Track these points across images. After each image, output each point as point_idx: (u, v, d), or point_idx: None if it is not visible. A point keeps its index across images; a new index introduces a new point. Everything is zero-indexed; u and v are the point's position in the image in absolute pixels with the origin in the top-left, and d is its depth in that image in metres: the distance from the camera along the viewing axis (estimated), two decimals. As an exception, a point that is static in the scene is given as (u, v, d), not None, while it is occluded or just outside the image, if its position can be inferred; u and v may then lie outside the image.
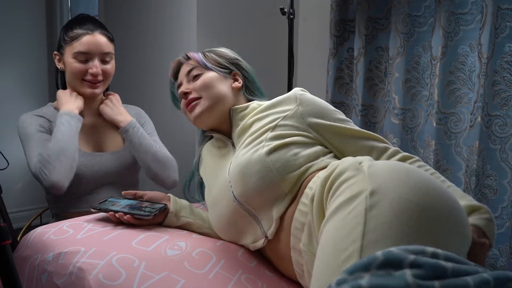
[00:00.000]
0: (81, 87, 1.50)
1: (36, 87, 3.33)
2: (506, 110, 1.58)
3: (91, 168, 1.49)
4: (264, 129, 1.16)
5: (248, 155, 1.11)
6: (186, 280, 0.99)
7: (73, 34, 1.47)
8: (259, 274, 1.09)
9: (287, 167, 1.06)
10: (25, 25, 3.26)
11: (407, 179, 0.81)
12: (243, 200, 1.10)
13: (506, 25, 1.55)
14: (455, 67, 1.72)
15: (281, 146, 1.10)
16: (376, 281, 0.63)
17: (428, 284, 0.63)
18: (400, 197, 0.78)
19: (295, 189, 1.07)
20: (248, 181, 1.08)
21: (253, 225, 1.11)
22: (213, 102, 1.26)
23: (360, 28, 1.97)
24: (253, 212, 1.10)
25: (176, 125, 2.36)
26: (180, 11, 2.34)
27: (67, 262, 1.03)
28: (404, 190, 0.79)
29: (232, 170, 1.13)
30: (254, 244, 1.12)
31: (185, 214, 1.24)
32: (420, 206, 0.77)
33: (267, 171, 1.06)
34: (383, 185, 0.80)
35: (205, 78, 1.28)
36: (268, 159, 1.07)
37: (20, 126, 1.49)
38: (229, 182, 1.13)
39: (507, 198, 1.59)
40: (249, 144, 1.15)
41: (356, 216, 0.78)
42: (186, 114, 1.32)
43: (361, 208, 0.78)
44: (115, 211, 1.19)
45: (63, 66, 1.52)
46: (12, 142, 2.24)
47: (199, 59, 1.31)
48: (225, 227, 1.17)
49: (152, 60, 2.56)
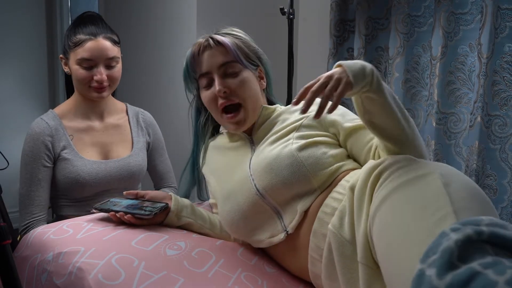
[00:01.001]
0: (88, 92, 1.48)
1: (36, 87, 3.33)
2: (506, 110, 1.58)
3: (95, 175, 1.47)
4: (289, 128, 1.17)
5: (276, 150, 1.12)
6: (185, 279, 0.99)
7: (76, 40, 1.43)
8: (259, 271, 1.09)
9: (318, 164, 1.09)
10: (25, 25, 3.25)
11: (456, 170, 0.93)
12: (268, 193, 1.10)
13: (506, 25, 1.55)
14: (455, 67, 1.72)
15: (311, 144, 1.12)
16: (495, 230, 0.67)
17: None
18: (467, 183, 0.88)
19: (325, 186, 1.09)
20: (277, 175, 1.08)
21: (272, 220, 1.11)
22: (254, 111, 1.22)
23: (360, 28, 1.97)
24: (276, 206, 1.10)
25: (176, 124, 2.37)
26: (180, 11, 2.34)
27: (66, 262, 1.03)
28: (463, 178, 0.89)
29: (257, 164, 1.13)
30: (270, 239, 1.11)
31: (186, 214, 1.24)
32: (483, 195, 0.88)
33: (299, 166, 1.08)
34: (445, 171, 0.89)
35: (245, 80, 1.20)
36: (300, 155, 1.09)
37: (26, 147, 1.45)
38: (250, 175, 1.13)
39: (507, 198, 1.59)
40: (275, 142, 1.16)
41: (435, 188, 0.84)
42: (213, 110, 1.24)
43: (438, 183, 0.85)
44: (116, 211, 1.19)
45: (69, 70, 1.49)
46: (12, 142, 2.23)
47: (235, 54, 1.20)
48: (238, 222, 1.14)
49: (152, 60, 2.56)
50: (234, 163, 1.22)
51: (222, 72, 1.20)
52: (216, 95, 1.20)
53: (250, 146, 1.23)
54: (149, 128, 1.66)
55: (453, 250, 0.65)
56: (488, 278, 0.60)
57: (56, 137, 1.46)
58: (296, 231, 1.08)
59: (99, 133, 1.54)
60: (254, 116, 1.23)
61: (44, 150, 1.44)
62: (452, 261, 0.64)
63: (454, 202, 0.80)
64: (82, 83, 1.46)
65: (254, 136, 1.25)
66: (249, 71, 1.23)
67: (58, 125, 1.47)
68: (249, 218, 1.13)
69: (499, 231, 0.67)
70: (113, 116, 1.59)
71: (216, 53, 1.21)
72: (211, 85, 1.22)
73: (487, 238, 0.66)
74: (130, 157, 1.55)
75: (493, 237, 0.66)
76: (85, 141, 1.51)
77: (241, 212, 1.13)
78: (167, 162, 1.71)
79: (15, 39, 3.21)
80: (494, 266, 0.62)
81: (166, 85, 2.47)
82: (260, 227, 1.13)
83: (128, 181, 1.55)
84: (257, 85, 1.26)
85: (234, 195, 1.15)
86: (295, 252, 1.09)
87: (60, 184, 1.46)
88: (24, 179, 1.44)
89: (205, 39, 1.23)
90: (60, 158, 1.45)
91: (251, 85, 1.22)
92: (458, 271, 0.63)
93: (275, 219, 1.11)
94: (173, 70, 2.41)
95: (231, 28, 1.28)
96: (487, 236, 0.66)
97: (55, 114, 1.50)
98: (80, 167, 1.45)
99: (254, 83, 1.24)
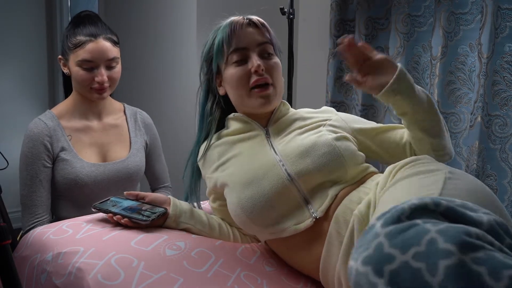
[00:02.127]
0: (89, 94, 1.47)
1: (36, 87, 3.33)
2: (506, 110, 1.58)
3: (94, 178, 1.47)
4: (316, 124, 1.21)
5: (312, 138, 1.14)
6: (184, 279, 0.99)
7: (76, 41, 1.42)
8: (258, 270, 1.09)
9: (354, 158, 1.13)
10: (25, 25, 3.25)
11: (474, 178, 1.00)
12: (301, 179, 1.10)
13: (506, 25, 1.55)
14: (455, 67, 1.72)
15: (344, 137, 1.16)
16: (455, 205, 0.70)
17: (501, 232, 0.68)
18: (473, 181, 0.95)
19: (355, 179, 1.12)
20: (314, 161, 1.10)
21: (299, 206, 1.10)
22: (280, 96, 1.24)
23: (360, 28, 1.97)
24: (305, 192, 1.10)
25: (175, 124, 2.37)
26: (180, 11, 2.34)
27: (66, 262, 1.04)
28: (476, 180, 0.96)
29: (289, 150, 1.13)
30: (296, 227, 1.08)
31: (184, 219, 1.23)
32: (490, 194, 0.93)
33: (337, 155, 1.11)
34: (458, 172, 0.97)
35: (278, 65, 1.24)
36: (338, 144, 1.12)
37: (25, 148, 1.45)
38: (279, 161, 1.12)
39: (507, 198, 1.59)
40: (306, 132, 1.18)
41: (436, 179, 0.92)
42: (241, 88, 1.19)
43: (441, 176, 0.93)
44: (114, 213, 1.19)
45: (68, 71, 1.49)
46: (12, 142, 2.23)
47: (275, 40, 1.25)
48: (262, 209, 1.09)
49: (152, 60, 2.56)
50: (250, 151, 1.19)
51: (260, 51, 1.21)
52: (249, 71, 1.18)
53: (266, 137, 1.21)
54: (147, 128, 1.65)
55: (405, 210, 0.69)
56: (424, 227, 0.64)
57: (54, 138, 1.45)
58: (322, 216, 1.07)
59: (97, 133, 1.54)
60: (277, 102, 1.24)
61: (43, 151, 1.43)
62: (400, 217, 0.68)
63: (446, 189, 0.87)
64: (82, 85, 1.45)
65: (270, 127, 1.23)
66: (279, 61, 1.26)
67: (56, 125, 1.47)
68: (273, 204, 1.09)
69: (458, 208, 0.69)
70: (111, 116, 1.58)
71: (257, 31, 1.23)
72: (244, 62, 1.20)
73: (443, 211, 0.69)
74: (128, 158, 1.55)
75: (449, 211, 0.69)
76: (84, 141, 1.50)
77: (265, 198, 1.09)
78: (163, 163, 1.71)
79: (15, 39, 3.21)
80: (434, 222, 0.65)
81: (166, 85, 2.47)
82: (285, 214, 1.10)
83: (127, 183, 1.55)
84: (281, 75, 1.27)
85: (258, 181, 1.11)
86: (311, 242, 1.08)
87: (59, 185, 1.46)
88: (25, 180, 1.44)
89: (245, 18, 1.26)
90: (59, 159, 1.45)
91: (280, 71, 1.25)
92: (400, 223, 0.67)
93: (302, 204, 1.10)
94: (173, 70, 2.41)
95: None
96: (444, 208, 0.69)
97: (53, 115, 1.50)
98: (79, 169, 1.45)
99: (281, 72, 1.26)
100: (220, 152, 1.23)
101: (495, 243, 0.64)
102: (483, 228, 0.67)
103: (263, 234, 1.15)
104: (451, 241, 0.60)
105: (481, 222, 0.68)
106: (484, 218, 0.68)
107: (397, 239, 0.63)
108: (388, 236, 0.64)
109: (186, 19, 2.30)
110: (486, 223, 0.67)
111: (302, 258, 1.11)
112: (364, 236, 0.68)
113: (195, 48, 2.24)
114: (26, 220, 1.43)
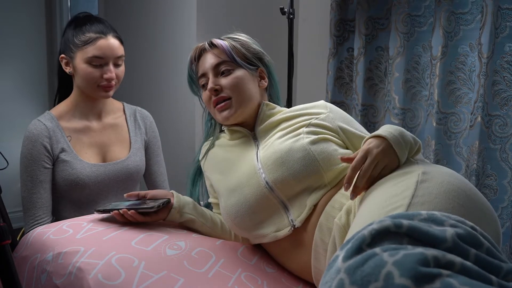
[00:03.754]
0: (96, 91, 1.46)
1: (36, 87, 3.33)
2: (506, 110, 1.58)
3: (94, 178, 1.47)
4: (298, 125, 1.19)
5: (288, 143, 1.13)
6: (185, 279, 0.99)
7: (86, 38, 1.42)
8: (259, 271, 1.09)
9: (331, 160, 1.11)
10: (25, 25, 3.25)
11: (452, 172, 0.96)
12: (278, 186, 1.10)
13: (506, 25, 1.55)
14: (455, 67, 1.72)
15: (322, 139, 1.14)
16: (417, 224, 0.68)
17: (464, 246, 0.67)
18: (449, 181, 0.90)
19: (335, 181, 1.11)
20: (289, 168, 1.09)
21: (279, 214, 1.11)
22: (244, 105, 1.24)
23: (360, 28, 1.97)
24: (283, 200, 1.11)
25: (175, 124, 2.37)
26: (180, 11, 2.34)
27: (66, 262, 1.03)
28: (452, 178, 0.92)
29: (267, 157, 1.14)
30: (275, 234, 1.11)
31: (188, 210, 1.24)
32: (466, 193, 0.89)
33: (312, 160, 1.09)
34: (434, 170, 0.94)
35: (237, 77, 1.24)
36: (312, 148, 1.11)
37: (24, 150, 1.44)
38: (259, 169, 1.13)
39: (507, 198, 1.59)
40: (285, 135, 1.17)
41: (407, 184, 0.89)
42: (210, 108, 1.29)
43: (413, 179, 0.90)
44: (119, 209, 1.20)
45: (72, 70, 1.48)
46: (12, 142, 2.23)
47: (229, 54, 1.25)
48: (244, 215, 1.13)
49: (151, 60, 2.56)
50: (239, 157, 1.22)
51: (216, 72, 1.26)
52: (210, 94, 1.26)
53: (253, 141, 1.24)
54: (146, 125, 1.64)
55: (365, 238, 0.68)
56: (381, 258, 0.63)
57: (54, 139, 1.45)
58: (301, 226, 1.09)
59: (96, 133, 1.53)
60: (244, 110, 1.25)
61: (43, 152, 1.43)
62: (361, 246, 0.67)
63: (416, 196, 0.85)
64: (90, 82, 1.44)
65: (256, 131, 1.25)
66: (244, 70, 1.26)
67: (55, 126, 1.47)
68: (255, 211, 1.12)
69: (418, 225, 0.68)
70: (111, 115, 1.58)
71: (210, 55, 1.27)
72: (207, 85, 1.27)
73: (405, 231, 0.68)
74: (128, 158, 1.55)
75: (411, 231, 0.68)
76: (83, 141, 1.50)
77: (247, 205, 1.13)
78: (162, 164, 1.68)
79: (15, 39, 3.21)
80: (393, 250, 0.64)
81: (166, 86, 2.47)
82: (265, 220, 1.12)
83: (127, 182, 1.54)
84: (253, 84, 1.27)
85: (241, 188, 1.14)
86: (299, 248, 1.09)
87: (59, 186, 1.46)
88: (25, 182, 1.43)
89: (202, 43, 1.31)
90: (59, 160, 1.45)
91: (243, 82, 1.25)
92: (360, 255, 0.66)
93: (281, 213, 1.11)
94: (173, 70, 2.41)
95: (236, 33, 1.34)
96: (405, 229, 0.68)
97: (52, 116, 1.49)
98: (80, 170, 1.45)
99: (249, 81, 1.26)
100: (217, 154, 1.30)
101: (455, 262, 0.63)
102: (447, 245, 0.66)
103: (249, 238, 1.19)
104: (407, 275, 0.60)
105: (445, 239, 0.66)
106: (448, 233, 0.67)
107: (356, 274, 0.63)
108: (347, 271, 0.64)
109: (186, 19, 2.30)
110: (450, 239, 0.66)
111: (293, 263, 1.13)
112: (328, 271, 0.68)
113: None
114: (27, 222, 1.43)
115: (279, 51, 2.16)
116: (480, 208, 0.89)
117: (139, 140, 1.60)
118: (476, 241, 0.69)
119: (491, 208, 0.93)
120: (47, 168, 1.44)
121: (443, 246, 0.66)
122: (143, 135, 1.62)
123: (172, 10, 2.39)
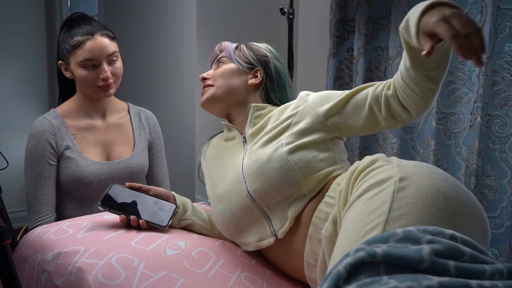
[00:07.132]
0: (95, 93, 1.47)
1: (36, 87, 3.33)
2: (506, 110, 1.58)
3: (98, 176, 1.47)
4: (280, 127, 1.17)
5: (268, 152, 1.12)
6: (185, 279, 0.99)
7: (74, 42, 1.42)
8: (258, 272, 1.09)
9: (309, 168, 1.08)
10: (25, 25, 3.26)
11: (432, 171, 0.90)
12: (258, 196, 1.10)
13: (506, 25, 1.55)
14: (455, 67, 1.72)
15: (301, 146, 1.12)
16: (392, 250, 0.67)
17: (443, 262, 0.66)
18: (427, 185, 0.86)
19: (315, 190, 1.09)
20: (267, 178, 1.08)
21: (261, 224, 1.11)
22: (221, 92, 1.28)
23: (360, 28, 1.97)
24: (266, 210, 1.11)
25: (176, 124, 2.37)
26: (180, 11, 2.34)
27: (66, 262, 1.03)
28: (430, 180, 0.87)
29: (248, 166, 1.13)
30: (258, 243, 1.11)
31: (188, 216, 1.25)
32: (445, 194, 0.85)
33: (289, 170, 1.08)
34: (412, 173, 0.88)
35: (224, 68, 1.31)
36: (289, 158, 1.09)
37: (29, 146, 1.44)
38: (243, 177, 1.13)
39: (507, 198, 1.59)
40: (267, 143, 1.15)
41: (384, 195, 0.85)
42: None
43: (390, 189, 0.86)
44: (126, 214, 1.19)
45: (71, 74, 1.48)
46: (12, 142, 2.24)
47: (228, 50, 1.34)
48: (228, 223, 1.15)
49: (151, 60, 2.56)
50: (228, 163, 1.22)
51: (215, 65, 1.35)
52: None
53: (243, 144, 1.23)
54: (150, 126, 1.66)
55: (342, 274, 0.67)
56: None
57: (59, 136, 1.46)
58: (290, 237, 1.08)
59: (101, 132, 1.54)
60: (221, 98, 1.29)
61: (48, 148, 1.44)
62: (338, 284, 0.66)
63: (394, 210, 0.82)
64: (88, 85, 1.45)
65: (246, 134, 1.25)
66: (236, 65, 1.30)
67: (60, 124, 1.48)
68: (239, 220, 1.13)
69: (393, 251, 0.67)
70: (115, 115, 1.59)
71: (213, 55, 1.37)
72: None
73: (381, 259, 0.67)
74: (132, 157, 1.56)
75: (386, 257, 0.67)
76: (88, 140, 1.51)
77: (232, 214, 1.14)
78: (164, 165, 1.69)
79: (15, 39, 3.22)
80: (369, 284, 0.63)
81: (166, 85, 2.47)
82: (248, 229, 1.13)
83: (131, 181, 1.55)
84: (240, 78, 1.29)
85: (227, 196, 1.15)
86: (290, 258, 1.09)
87: (63, 183, 1.47)
88: (30, 178, 1.44)
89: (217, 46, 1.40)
90: (64, 157, 1.46)
91: (227, 74, 1.30)
92: None
93: (264, 223, 1.11)
94: (173, 70, 2.41)
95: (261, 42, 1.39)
96: (380, 257, 0.67)
97: (58, 113, 1.50)
98: (84, 167, 1.46)
99: (234, 74, 1.29)
100: (212, 155, 1.32)
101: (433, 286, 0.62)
102: (424, 264, 0.65)
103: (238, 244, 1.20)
104: None
105: (422, 259, 0.66)
106: (425, 252, 0.66)
107: None
108: None
109: (186, 18, 2.30)
110: (427, 258, 0.66)
111: (287, 269, 1.13)
112: None
113: (194, 48, 2.24)
114: (30, 219, 1.44)
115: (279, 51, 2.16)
116: (463, 208, 0.86)
117: (143, 140, 1.61)
118: (455, 252, 0.68)
119: (476, 205, 0.90)
120: (51, 165, 1.45)
121: (421, 266, 0.65)
122: (147, 135, 1.63)
123: (172, 10, 2.40)
